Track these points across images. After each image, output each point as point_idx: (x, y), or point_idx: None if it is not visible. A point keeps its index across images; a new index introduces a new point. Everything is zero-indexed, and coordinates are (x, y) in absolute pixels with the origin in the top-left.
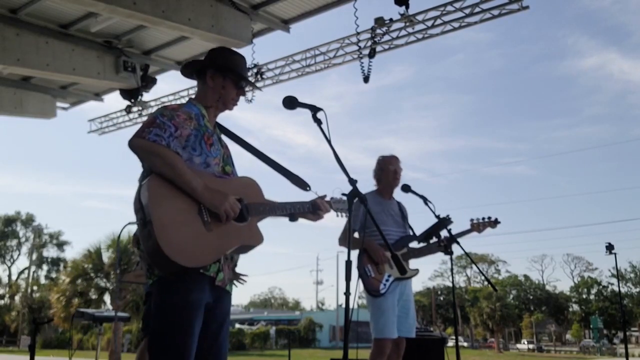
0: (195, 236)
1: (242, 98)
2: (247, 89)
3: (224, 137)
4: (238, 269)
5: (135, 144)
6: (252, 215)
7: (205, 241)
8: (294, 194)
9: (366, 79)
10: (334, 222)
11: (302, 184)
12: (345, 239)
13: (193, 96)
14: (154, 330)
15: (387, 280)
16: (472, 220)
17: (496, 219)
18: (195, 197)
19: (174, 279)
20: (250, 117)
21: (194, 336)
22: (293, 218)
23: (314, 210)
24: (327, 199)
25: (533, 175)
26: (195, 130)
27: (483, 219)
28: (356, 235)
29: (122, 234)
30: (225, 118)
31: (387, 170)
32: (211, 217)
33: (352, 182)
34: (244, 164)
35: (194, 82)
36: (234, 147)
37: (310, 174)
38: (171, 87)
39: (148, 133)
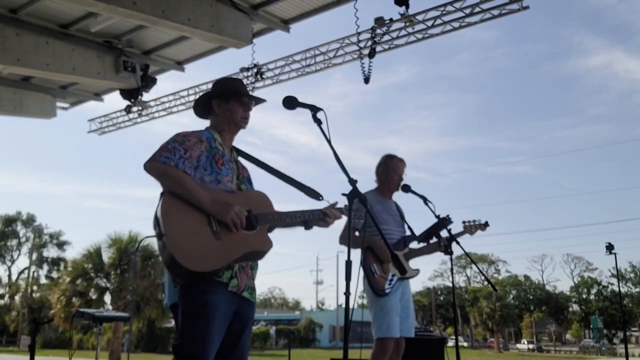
0: (205, 244)
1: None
2: (253, 104)
3: (243, 161)
4: None
5: (148, 167)
6: (261, 223)
7: (214, 248)
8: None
9: (367, 80)
10: (335, 222)
11: (315, 195)
12: (346, 238)
13: (192, 97)
14: (178, 331)
15: (391, 280)
16: (464, 222)
17: (486, 222)
18: (203, 209)
19: (190, 285)
20: (253, 117)
21: (212, 334)
22: (308, 226)
23: (323, 217)
24: (340, 205)
25: (535, 175)
26: (207, 152)
27: (474, 221)
28: (357, 234)
29: (123, 234)
30: None
31: (392, 175)
32: (220, 227)
33: (352, 182)
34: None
35: (195, 82)
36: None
37: (313, 173)
38: (171, 86)
39: (159, 156)
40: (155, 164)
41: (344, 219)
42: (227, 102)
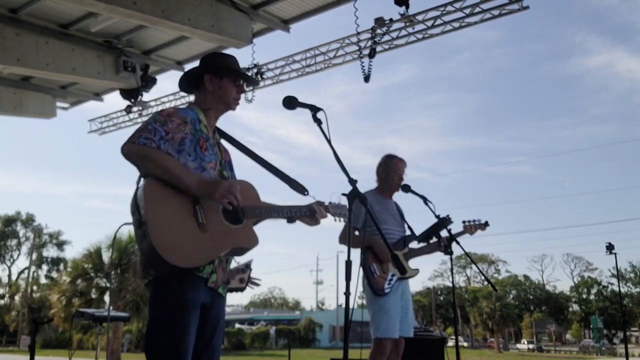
0: (190, 237)
1: (242, 98)
2: (246, 87)
3: (224, 143)
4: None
5: (126, 150)
6: (248, 217)
7: (199, 242)
8: (294, 198)
9: (367, 79)
10: (334, 222)
11: (301, 189)
12: (346, 237)
13: (193, 97)
14: (151, 329)
15: (391, 280)
16: (464, 222)
17: (486, 222)
18: (191, 193)
19: (169, 279)
20: (253, 116)
21: (190, 335)
22: (291, 220)
23: (310, 214)
24: (326, 204)
25: (536, 175)
26: (191, 135)
27: (474, 221)
28: (357, 233)
29: (121, 233)
30: (229, 118)
31: (393, 175)
32: (206, 219)
33: (352, 182)
34: (245, 171)
35: None
36: (235, 153)
37: (313, 173)
38: (171, 86)
39: (138, 137)
40: (134, 146)
41: (329, 218)
42: (220, 79)
